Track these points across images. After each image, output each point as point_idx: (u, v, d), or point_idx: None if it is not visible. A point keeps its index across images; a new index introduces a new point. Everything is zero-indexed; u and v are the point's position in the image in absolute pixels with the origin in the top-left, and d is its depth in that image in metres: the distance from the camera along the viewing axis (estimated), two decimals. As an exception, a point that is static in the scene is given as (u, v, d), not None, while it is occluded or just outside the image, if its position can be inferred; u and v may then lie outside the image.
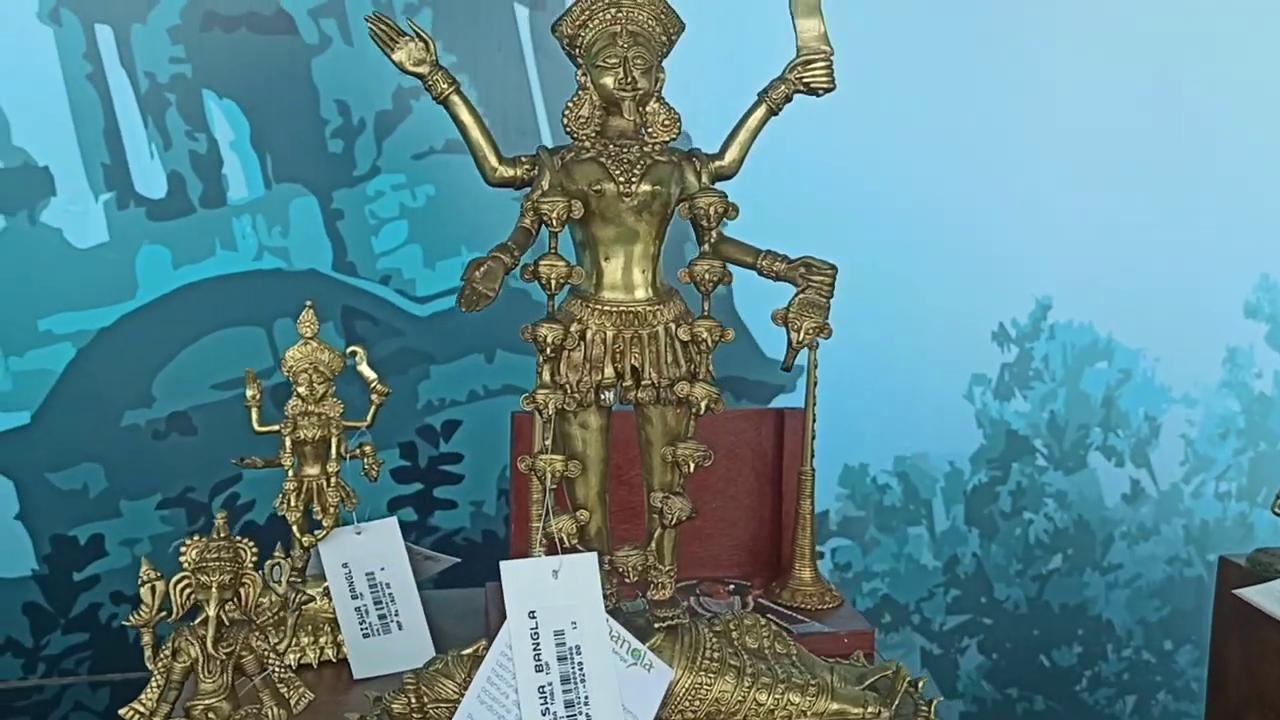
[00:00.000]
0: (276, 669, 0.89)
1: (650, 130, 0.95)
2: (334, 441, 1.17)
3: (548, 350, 0.91)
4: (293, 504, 1.16)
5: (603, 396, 0.94)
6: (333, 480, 1.17)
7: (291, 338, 1.18)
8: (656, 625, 0.96)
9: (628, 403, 0.95)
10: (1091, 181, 1.78)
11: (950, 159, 1.73)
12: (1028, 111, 1.75)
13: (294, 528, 1.16)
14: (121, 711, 0.86)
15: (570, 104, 0.95)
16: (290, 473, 1.16)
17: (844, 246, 1.68)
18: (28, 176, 1.52)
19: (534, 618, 0.89)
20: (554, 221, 0.90)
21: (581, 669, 0.90)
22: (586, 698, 0.90)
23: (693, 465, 0.94)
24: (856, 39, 1.66)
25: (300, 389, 1.17)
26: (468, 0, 1.59)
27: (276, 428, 1.17)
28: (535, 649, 0.89)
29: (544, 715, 0.88)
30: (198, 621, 0.87)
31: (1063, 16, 1.75)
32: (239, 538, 0.90)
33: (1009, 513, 1.84)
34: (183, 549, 0.88)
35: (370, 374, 1.20)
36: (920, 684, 1.03)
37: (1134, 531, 1.88)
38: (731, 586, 1.28)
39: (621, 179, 0.92)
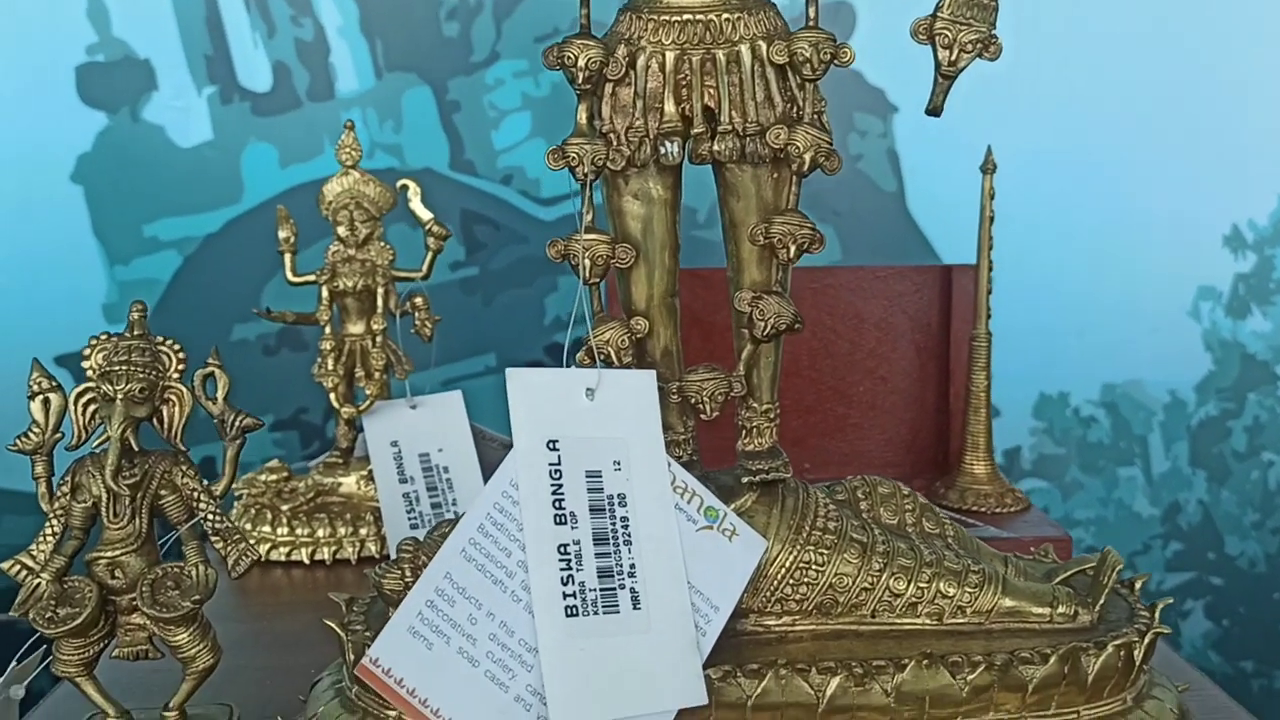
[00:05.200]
0: (210, 517, 0.60)
1: None
2: (380, 293, 0.88)
3: (580, 79, 0.59)
4: (330, 367, 0.88)
5: (664, 151, 0.61)
6: (378, 340, 0.88)
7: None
8: (746, 480, 0.63)
9: (700, 159, 0.62)
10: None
11: (1174, 35, 1.34)
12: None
13: (332, 397, 0.88)
14: (3, 565, 0.59)
15: None
16: (327, 330, 0.88)
17: (1046, 133, 1.34)
18: (128, 70, 1.33)
19: (555, 449, 0.57)
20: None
21: (626, 526, 0.57)
22: (632, 566, 0.57)
23: (793, 248, 0.60)
24: None
25: (340, 229, 0.89)
26: None
27: (312, 277, 0.89)
28: (556, 493, 0.56)
29: (566, 584, 0.55)
30: (98, 446, 0.59)
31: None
32: (164, 338, 0.62)
33: (1244, 453, 1.42)
34: (86, 351, 0.60)
35: (425, 213, 0.91)
36: (1138, 584, 0.66)
37: (1404, 480, 1.43)
38: (884, 488, 0.93)
39: None
